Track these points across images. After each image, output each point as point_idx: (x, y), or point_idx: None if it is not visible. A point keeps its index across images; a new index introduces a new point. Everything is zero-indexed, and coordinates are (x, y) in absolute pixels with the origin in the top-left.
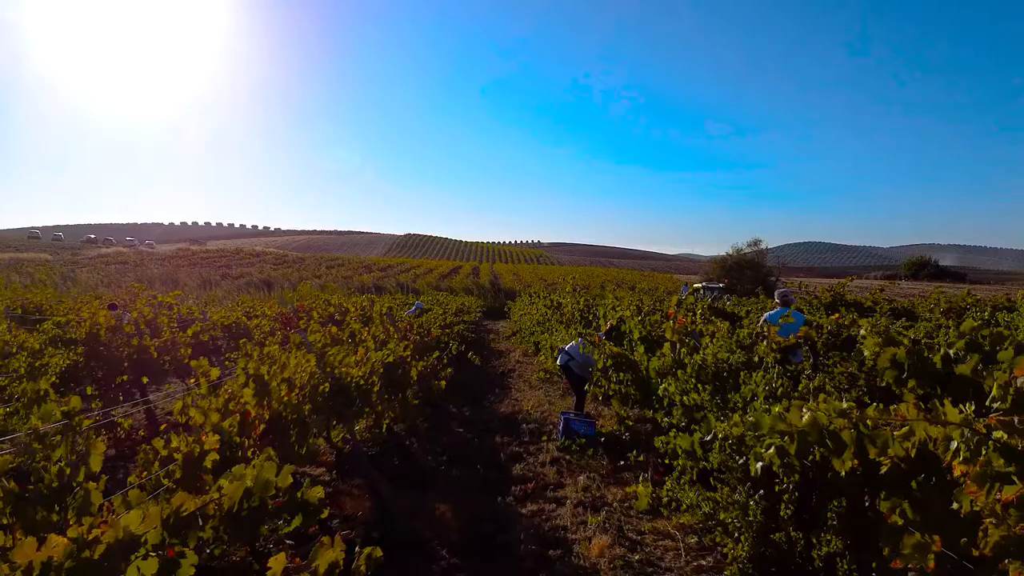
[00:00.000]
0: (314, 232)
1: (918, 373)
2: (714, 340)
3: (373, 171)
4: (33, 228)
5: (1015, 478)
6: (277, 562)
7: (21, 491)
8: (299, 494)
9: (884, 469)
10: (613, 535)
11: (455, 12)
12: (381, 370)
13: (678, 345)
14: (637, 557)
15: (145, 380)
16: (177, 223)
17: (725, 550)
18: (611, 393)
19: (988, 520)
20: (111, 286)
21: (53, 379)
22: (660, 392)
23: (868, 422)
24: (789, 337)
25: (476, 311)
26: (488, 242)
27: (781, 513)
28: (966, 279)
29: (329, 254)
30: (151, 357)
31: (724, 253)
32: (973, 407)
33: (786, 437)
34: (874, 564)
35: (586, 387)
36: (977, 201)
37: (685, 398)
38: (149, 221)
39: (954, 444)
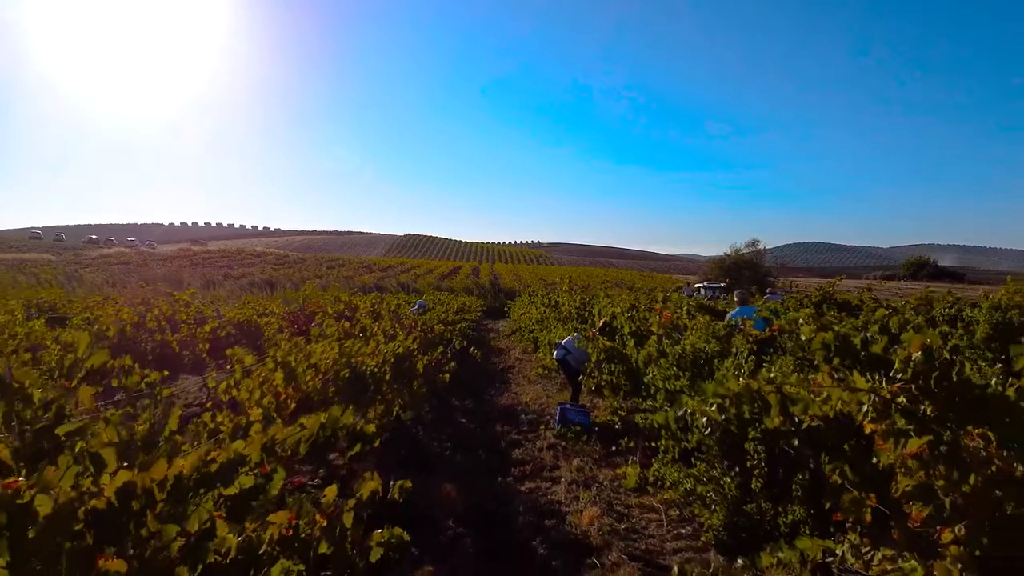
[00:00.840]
0: (314, 232)
1: (841, 353)
2: (693, 332)
3: (373, 171)
4: (34, 229)
5: (914, 434)
6: (331, 491)
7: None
8: (358, 427)
9: (805, 425)
10: (603, 508)
11: (455, 12)
12: (392, 360)
13: (663, 338)
14: (623, 526)
15: (166, 373)
16: (177, 223)
17: (702, 519)
18: (603, 383)
19: (899, 471)
20: (116, 286)
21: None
22: (647, 380)
23: (787, 388)
24: (765, 331)
25: (476, 310)
26: (488, 242)
27: (752, 485)
28: (964, 279)
29: (329, 254)
30: (173, 351)
31: (723, 253)
32: (881, 378)
33: (726, 400)
34: (832, 529)
35: (580, 378)
36: (977, 201)
37: (667, 383)
38: (149, 221)
39: (864, 407)
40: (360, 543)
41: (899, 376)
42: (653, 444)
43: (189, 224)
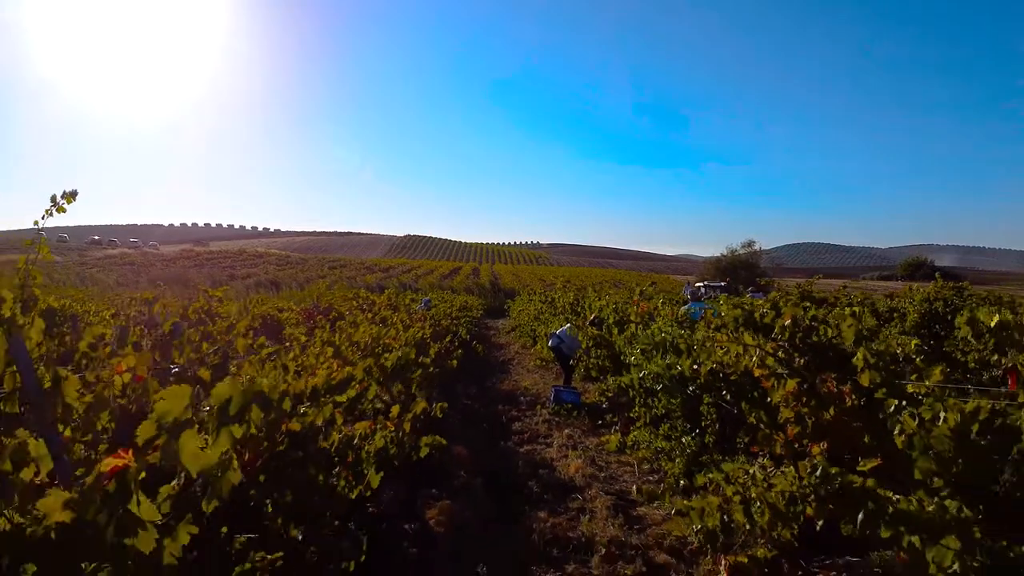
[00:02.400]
0: (314, 233)
1: (746, 324)
2: (662, 319)
3: (372, 171)
4: (38, 230)
5: (788, 378)
6: (395, 409)
7: None
8: (420, 360)
9: (705, 369)
10: (587, 462)
11: (454, 12)
12: (413, 343)
13: (639, 324)
14: (603, 474)
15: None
16: (177, 224)
17: (667, 469)
18: (591, 366)
19: (783, 407)
20: (127, 286)
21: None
22: (623, 359)
23: (693, 340)
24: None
25: (478, 309)
26: (487, 243)
27: (707, 440)
28: (962, 280)
29: (330, 255)
30: (214, 339)
31: (719, 254)
32: (767, 340)
33: (659, 350)
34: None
35: (572, 362)
36: (978, 202)
37: (635, 357)
38: (149, 222)
39: (753, 357)
40: (414, 443)
41: (777, 337)
42: (631, 415)
43: (189, 225)
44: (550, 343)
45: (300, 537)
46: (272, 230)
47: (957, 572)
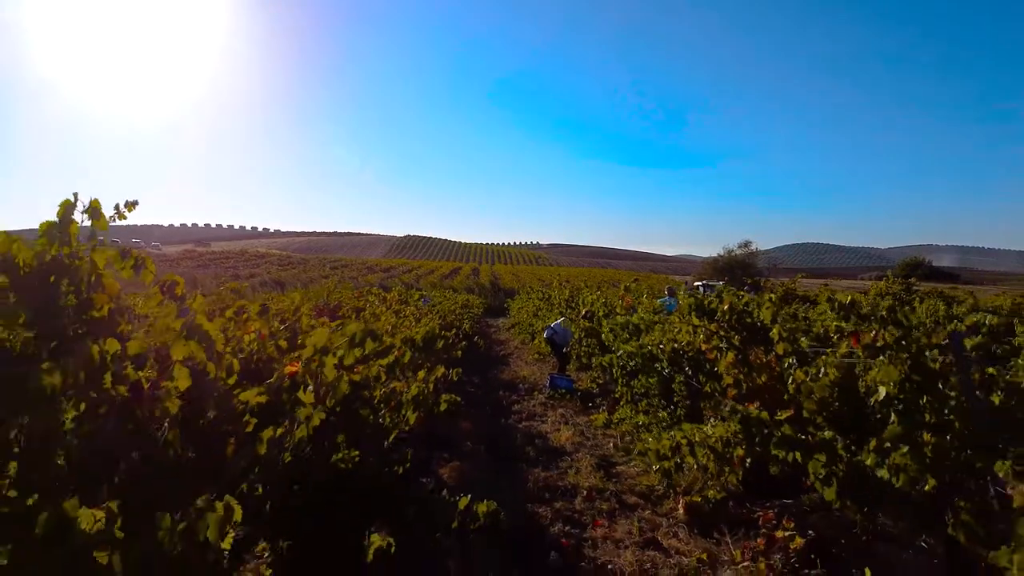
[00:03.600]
0: (314, 234)
1: (697, 310)
2: (642, 308)
3: (372, 172)
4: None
5: (728, 351)
6: (421, 373)
7: None
8: (443, 333)
9: (668, 347)
10: (576, 433)
11: (454, 12)
12: (424, 333)
13: (624, 314)
14: (589, 443)
15: None
16: (177, 224)
17: (643, 437)
18: (582, 354)
19: (725, 375)
20: (137, 287)
21: None
22: (609, 346)
23: (651, 322)
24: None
25: (478, 307)
26: (487, 243)
27: (678, 414)
28: (959, 279)
29: (331, 255)
30: None
31: (716, 254)
32: (710, 321)
33: (628, 330)
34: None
35: (564, 350)
36: (978, 202)
37: (618, 341)
38: (149, 223)
39: (700, 335)
40: (435, 399)
41: (719, 319)
42: (615, 395)
43: (189, 225)
44: (545, 334)
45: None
46: (272, 230)
47: (821, 475)
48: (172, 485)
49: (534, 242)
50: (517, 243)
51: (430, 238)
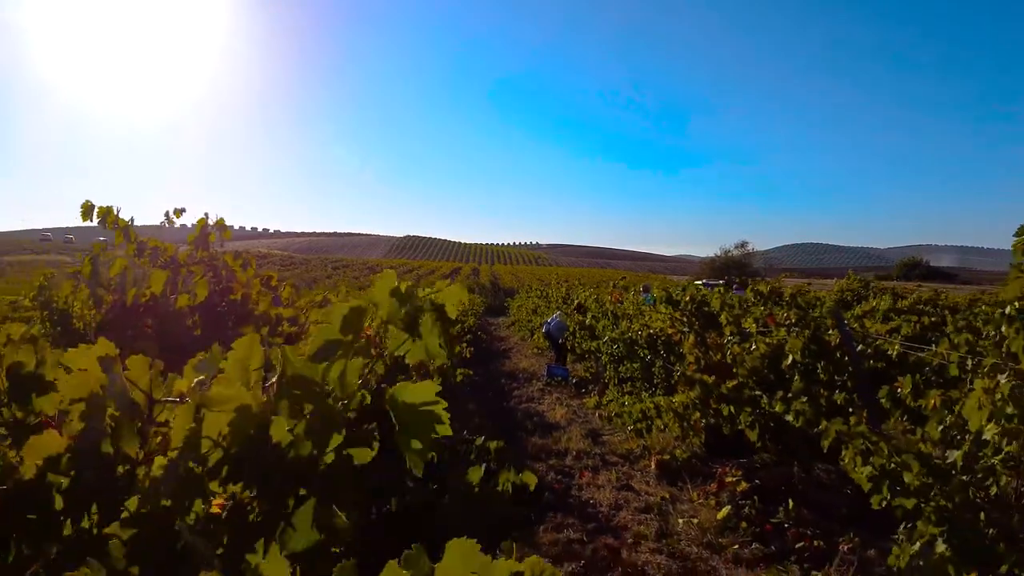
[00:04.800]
0: (314, 234)
1: (667, 301)
2: (626, 303)
3: (371, 171)
4: (44, 230)
5: (689, 334)
6: None
7: None
8: (458, 318)
9: (644, 333)
10: (569, 412)
11: (453, 12)
12: None
13: (612, 307)
14: (580, 419)
15: None
16: (177, 225)
17: (623, 410)
18: (574, 344)
19: (688, 355)
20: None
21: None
22: (597, 334)
23: (625, 310)
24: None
25: (479, 306)
26: (487, 244)
27: (657, 394)
28: (956, 279)
29: (332, 256)
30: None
31: (713, 254)
32: (675, 309)
33: (608, 317)
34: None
35: (560, 341)
36: (978, 202)
37: (605, 330)
38: (149, 223)
39: (666, 321)
40: (453, 372)
41: (683, 308)
42: (604, 380)
43: (189, 226)
44: (543, 330)
45: None
46: (272, 231)
47: (749, 422)
48: None
49: (534, 242)
50: (517, 243)
51: (430, 238)
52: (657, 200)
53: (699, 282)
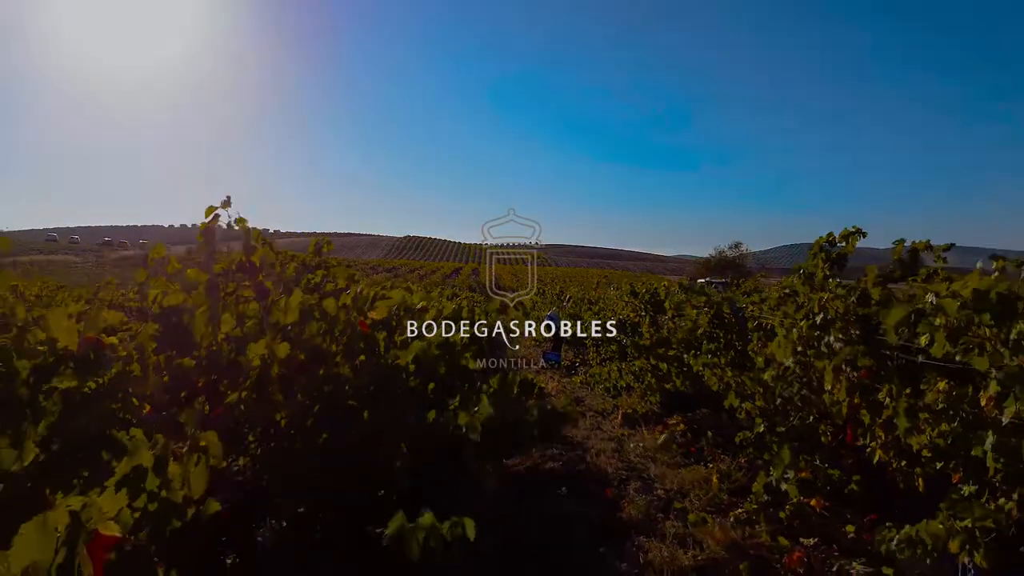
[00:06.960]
0: (314, 234)
1: (632, 294)
2: (607, 297)
3: (371, 172)
4: (49, 231)
5: (646, 317)
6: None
7: None
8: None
9: (616, 318)
10: (559, 386)
11: (452, 13)
12: (452, 309)
13: (598, 303)
14: (568, 389)
15: None
16: (177, 225)
17: (608, 384)
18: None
19: (645, 333)
20: None
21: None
22: (584, 324)
23: (597, 299)
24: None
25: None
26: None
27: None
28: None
29: (333, 256)
30: None
31: (708, 255)
32: (637, 300)
33: (589, 306)
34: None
35: (554, 332)
36: (978, 202)
37: (589, 318)
38: (149, 224)
39: (629, 308)
40: (462, 354)
41: (641, 298)
42: (588, 360)
43: (189, 226)
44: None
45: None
46: (272, 231)
47: (675, 374)
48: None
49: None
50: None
51: (430, 238)
52: (657, 200)
53: (700, 280)
